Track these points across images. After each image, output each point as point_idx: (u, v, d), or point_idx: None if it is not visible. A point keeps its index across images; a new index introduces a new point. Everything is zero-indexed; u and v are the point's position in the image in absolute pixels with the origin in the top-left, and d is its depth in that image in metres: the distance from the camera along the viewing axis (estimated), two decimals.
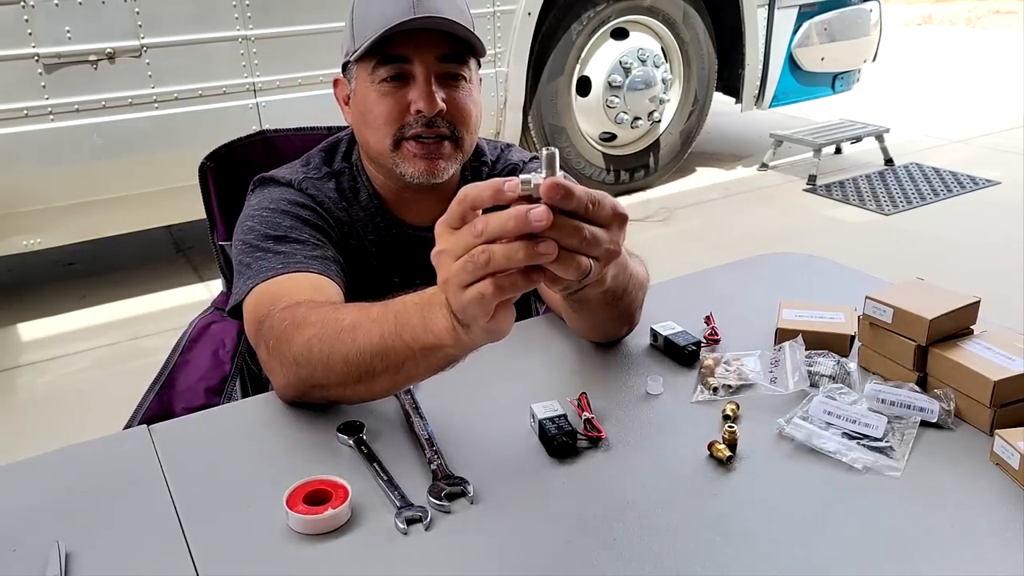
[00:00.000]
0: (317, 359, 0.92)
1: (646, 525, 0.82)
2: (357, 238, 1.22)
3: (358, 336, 0.87)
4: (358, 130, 1.22)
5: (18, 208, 2.96)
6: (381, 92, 1.14)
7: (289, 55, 3.23)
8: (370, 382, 0.90)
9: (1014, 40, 8.75)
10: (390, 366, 0.87)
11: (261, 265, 1.08)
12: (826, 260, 1.45)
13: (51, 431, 2.41)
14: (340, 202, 1.22)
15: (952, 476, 0.88)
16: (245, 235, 1.14)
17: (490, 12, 3.68)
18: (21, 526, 0.82)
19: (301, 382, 0.96)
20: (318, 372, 0.93)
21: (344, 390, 0.94)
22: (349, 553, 0.78)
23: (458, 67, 1.15)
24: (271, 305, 1.01)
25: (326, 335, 0.91)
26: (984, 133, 5.44)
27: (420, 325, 0.80)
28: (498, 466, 0.90)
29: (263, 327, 1.00)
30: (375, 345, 0.86)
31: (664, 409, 1.01)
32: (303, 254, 1.10)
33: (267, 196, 1.19)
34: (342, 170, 1.25)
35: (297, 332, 0.94)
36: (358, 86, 1.18)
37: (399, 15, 1.09)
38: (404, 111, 1.14)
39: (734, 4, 4.30)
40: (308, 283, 1.05)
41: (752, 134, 5.32)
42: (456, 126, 1.16)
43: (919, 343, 1.00)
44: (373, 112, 1.15)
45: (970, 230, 3.83)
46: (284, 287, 1.04)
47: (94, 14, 2.88)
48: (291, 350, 0.94)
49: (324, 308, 0.96)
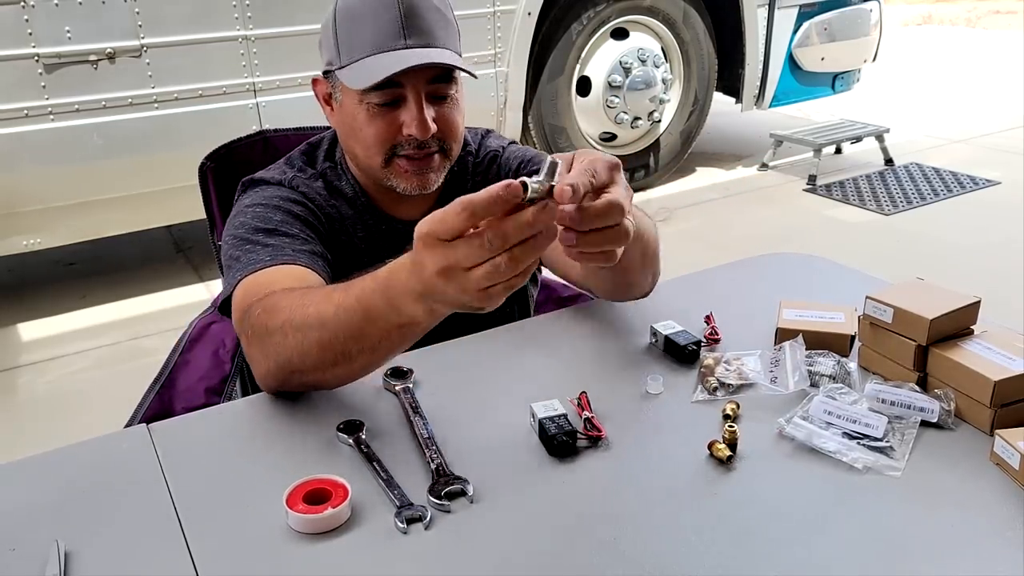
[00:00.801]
0: (293, 345, 0.93)
1: (646, 525, 0.82)
2: (347, 235, 1.23)
3: (327, 321, 0.90)
4: (345, 140, 1.22)
5: (18, 208, 2.96)
6: (371, 113, 1.14)
7: (289, 55, 3.23)
8: (348, 364, 0.93)
9: (1014, 40, 8.75)
10: (366, 348, 0.90)
11: (250, 258, 1.09)
12: (826, 260, 1.45)
13: (51, 431, 2.41)
14: (329, 200, 1.23)
15: (952, 476, 0.88)
16: (235, 230, 1.15)
17: (490, 12, 3.68)
18: (21, 525, 0.82)
19: (280, 369, 0.97)
20: (295, 358, 0.94)
21: (323, 374, 0.96)
22: (349, 553, 0.78)
23: (447, 87, 1.15)
24: (255, 295, 1.03)
25: (298, 322, 0.92)
26: (984, 133, 5.44)
27: (390, 311, 0.84)
28: (498, 466, 0.90)
29: (245, 318, 1.02)
30: (347, 329, 0.89)
31: (664, 409, 1.01)
32: (291, 247, 1.10)
33: (259, 195, 1.20)
34: (326, 169, 1.25)
35: (271, 319, 0.95)
36: (345, 100, 1.17)
37: (390, 39, 1.09)
38: (395, 132, 1.14)
39: (734, 4, 4.30)
40: (294, 275, 1.06)
41: (752, 134, 5.32)
42: (446, 140, 1.17)
43: (919, 343, 1.00)
44: (363, 132, 1.15)
45: (970, 230, 3.83)
46: (270, 278, 1.05)
47: (94, 14, 2.88)
48: (269, 338, 0.95)
49: (294, 294, 0.97)
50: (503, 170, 1.32)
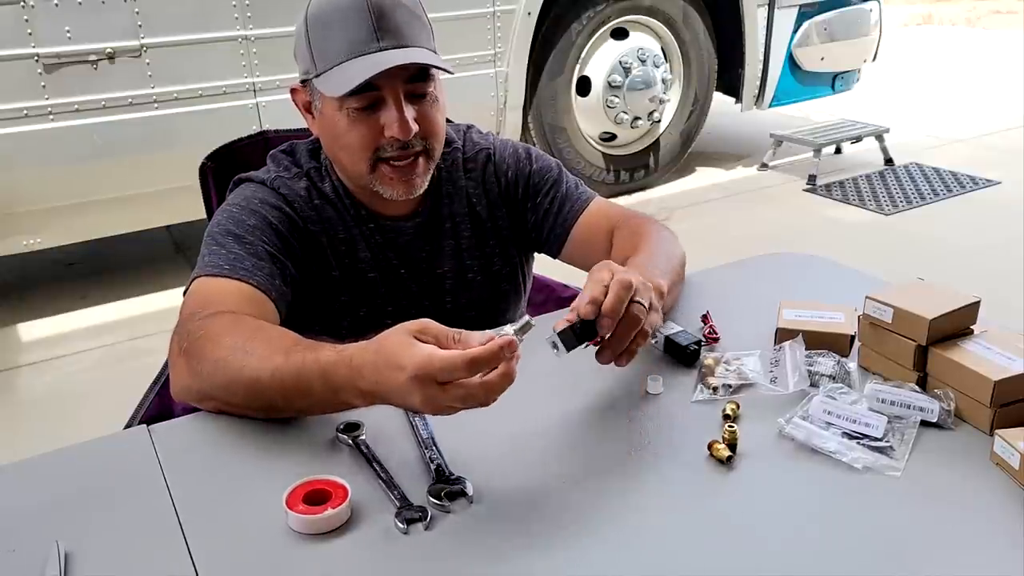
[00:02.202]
0: (220, 384, 0.96)
1: (646, 525, 0.82)
2: (327, 235, 1.23)
3: (261, 380, 0.92)
4: (329, 148, 1.22)
5: (18, 208, 2.96)
6: (352, 119, 1.13)
7: (289, 55, 3.19)
8: (269, 411, 0.96)
9: (1014, 40, 8.75)
10: (294, 408, 0.95)
11: (212, 260, 1.11)
12: (826, 260, 1.45)
13: (51, 431, 2.41)
14: (310, 200, 1.23)
15: (952, 476, 0.88)
16: (212, 229, 1.17)
17: (490, 12, 3.68)
18: (21, 526, 0.82)
19: (200, 393, 0.99)
20: (220, 394, 0.97)
21: (243, 411, 0.98)
22: (349, 553, 0.78)
23: (425, 85, 1.15)
24: (201, 305, 1.05)
25: (234, 369, 0.94)
26: (984, 133, 5.44)
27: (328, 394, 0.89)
28: (498, 466, 0.90)
29: (184, 325, 1.03)
30: (280, 392, 0.92)
31: (664, 409, 1.01)
32: (252, 262, 1.11)
33: (240, 194, 1.21)
34: (310, 169, 1.25)
35: (210, 348, 0.97)
36: (324, 107, 1.16)
37: (363, 42, 1.09)
38: (378, 135, 1.14)
39: (734, 4, 4.30)
40: (243, 295, 1.07)
41: (752, 134, 5.32)
42: (428, 139, 1.17)
43: (919, 343, 1.00)
44: (345, 138, 1.15)
45: (970, 230, 3.83)
46: (219, 290, 1.07)
47: (94, 14, 2.88)
48: (200, 364, 0.97)
49: (240, 331, 0.98)
50: (499, 172, 1.32)
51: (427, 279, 1.29)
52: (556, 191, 1.32)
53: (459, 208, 1.30)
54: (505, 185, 1.32)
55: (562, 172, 1.35)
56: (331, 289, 1.24)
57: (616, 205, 1.38)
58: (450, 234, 1.30)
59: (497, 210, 1.32)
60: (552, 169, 1.34)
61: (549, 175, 1.33)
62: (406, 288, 1.28)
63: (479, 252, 1.32)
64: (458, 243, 1.30)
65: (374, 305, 1.26)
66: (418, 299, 1.29)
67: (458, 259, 1.31)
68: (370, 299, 1.26)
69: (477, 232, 1.32)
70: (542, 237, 1.34)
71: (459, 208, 1.30)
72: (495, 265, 1.34)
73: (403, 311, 1.27)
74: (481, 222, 1.32)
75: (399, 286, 1.27)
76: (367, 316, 1.26)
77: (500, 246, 1.34)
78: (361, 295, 1.25)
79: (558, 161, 1.37)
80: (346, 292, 1.24)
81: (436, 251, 1.29)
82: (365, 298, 1.25)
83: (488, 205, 1.32)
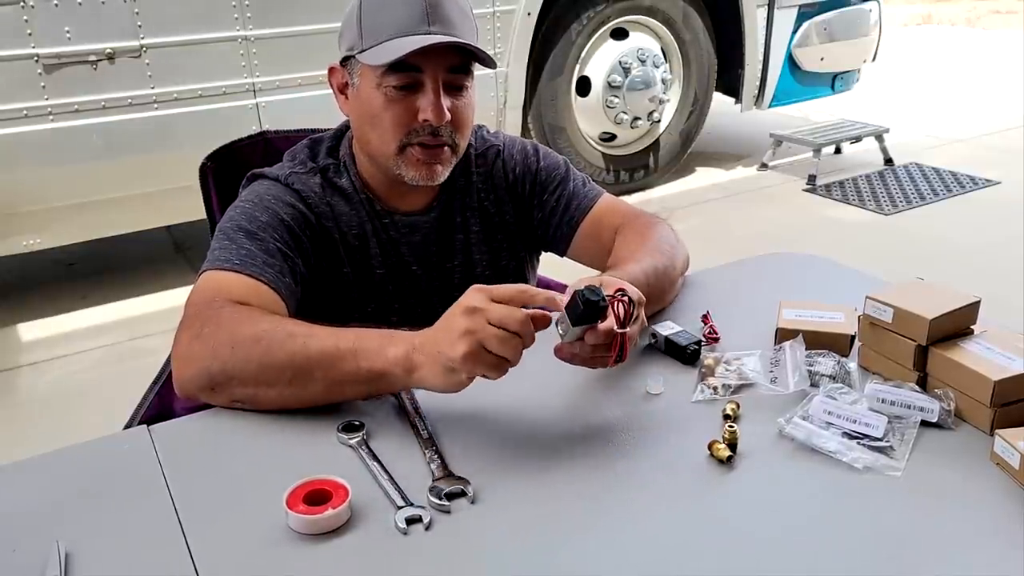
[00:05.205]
0: (257, 355, 0.96)
1: (646, 525, 0.82)
2: (340, 232, 1.24)
3: (310, 342, 0.95)
4: (358, 126, 1.22)
5: (18, 208, 2.96)
6: (389, 98, 1.15)
7: (289, 55, 3.22)
8: (297, 388, 0.97)
9: (1014, 40, 8.75)
10: (328, 377, 0.96)
11: (223, 254, 1.11)
12: (826, 260, 1.45)
13: (51, 431, 2.41)
14: (324, 196, 1.23)
15: (952, 476, 0.88)
16: (223, 224, 1.17)
17: (490, 12, 3.68)
18: (21, 526, 0.82)
19: (222, 375, 0.98)
20: (251, 369, 0.96)
21: (265, 390, 0.97)
22: (349, 553, 0.78)
23: (464, 78, 1.17)
24: (216, 293, 1.05)
25: (278, 334, 0.96)
26: (984, 133, 5.44)
27: (376, 350, 0.94)
28: (498, 466, 0.90)
29: (202, 311, 1.03)
30: (323, 353, 0.95)
31: (664, 409, 1.01)
32: (263, 259, 1.11)
33: (253, 190, 1.21)
34: (327, 166, 1.26)
35: (246, 327, 0.98)
36: (362, 84, 1.18)
37: (413, 24, 1.11)
38: (411, 118, 1.15)
39: (734, 4, 4.30)
40: (253, 291, 1.08)
41: (752, 134, 5.32)
42: (456, 134, 1.19)
43: (919, 343, 1.00)
44: (380, 116, 1.16)
45: (970, 230, 3.83)
46: (229, 284, 1.08)
47: (94, 14, 2.88)
48: (225, 346, 0.97)
49: (267, 315, 1.03)
50: (508, 168, 1.34)
51: (436, 273, 1.30)
52: (563, 188, 1.33)
53: (470, 202, 1.32)
54: (513, 181, 1.34)
55: (569, 170, 1.36)
56: (341, 286, 1.24)
57: (624, 203, 1.38)
58: (460, 228, 1.31)
59: (505, 205, 1.34)
60: (560, 167, 1.35)
61: (556, 172, 1.34)
62: (415, 284, 1.29)
63: (487, 247, 1.33)
64: (467, 237, 1.32)
65: (381, 301, 1.27)
66: (426, 296, 1.29)
67: (467, 253, 1.32)
68: (378, 295, 1.27)
69: (485, 226, 1.33)
70: (548, 234, 1.35)
71: (470, 202, 1.32)
72: (502, 260, 1.35)
73: (410, 309, 1.28)
74: (489, 216, 1.33)
75: (408, 282, 1.28)
76: (374, 312, 1.26)
77: (507, 240, 1.35)
78: (370, 291, 1.26)
79: (566, 159, 1.38)
80: (356, 289, 1.25)
81: (447, 245, 1.31)
82: (373, 294, 1.26)
83: (496, 200, 1.33)
